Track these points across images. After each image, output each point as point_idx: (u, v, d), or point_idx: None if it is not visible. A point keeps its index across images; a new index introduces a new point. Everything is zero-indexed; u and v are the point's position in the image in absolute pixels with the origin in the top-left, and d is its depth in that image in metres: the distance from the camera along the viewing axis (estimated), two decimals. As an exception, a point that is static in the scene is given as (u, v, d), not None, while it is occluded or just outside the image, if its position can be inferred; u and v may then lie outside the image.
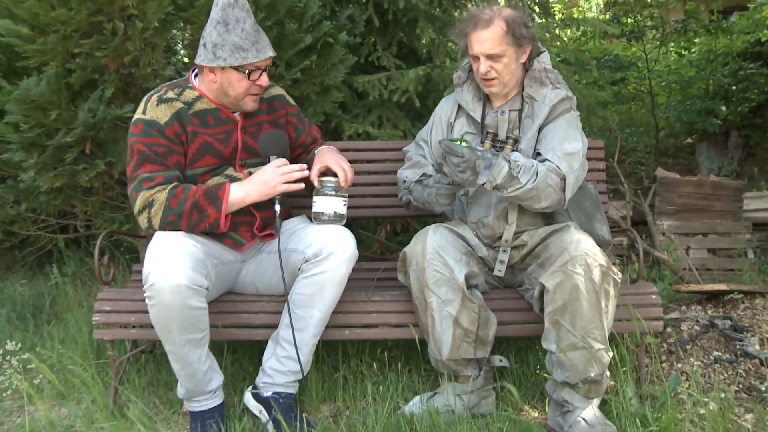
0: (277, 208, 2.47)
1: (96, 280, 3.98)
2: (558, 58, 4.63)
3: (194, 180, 2.51)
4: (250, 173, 2.57)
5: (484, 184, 2.39)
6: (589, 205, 2.76)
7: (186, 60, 3.49)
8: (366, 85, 3.90)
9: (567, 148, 2.52)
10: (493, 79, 2.58)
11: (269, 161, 2.50)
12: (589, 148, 3.25)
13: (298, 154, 2.75)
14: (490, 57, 2.54)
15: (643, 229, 4.79)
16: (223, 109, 2.55)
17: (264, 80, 2.50)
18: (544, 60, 2.66)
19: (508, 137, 2.64)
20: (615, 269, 2.46)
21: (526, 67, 2.64)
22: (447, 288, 2.51)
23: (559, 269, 2.43)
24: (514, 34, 2.52)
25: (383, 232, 4.33)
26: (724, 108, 6.67)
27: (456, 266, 2.52)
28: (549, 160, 2.49)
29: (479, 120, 2.70)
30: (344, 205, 2.55)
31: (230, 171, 2.57)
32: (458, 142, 2.40)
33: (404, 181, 2.77)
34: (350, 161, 2.72)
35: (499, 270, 2.69)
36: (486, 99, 2.71)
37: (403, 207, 2.92)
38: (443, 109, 2.82)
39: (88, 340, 3.15)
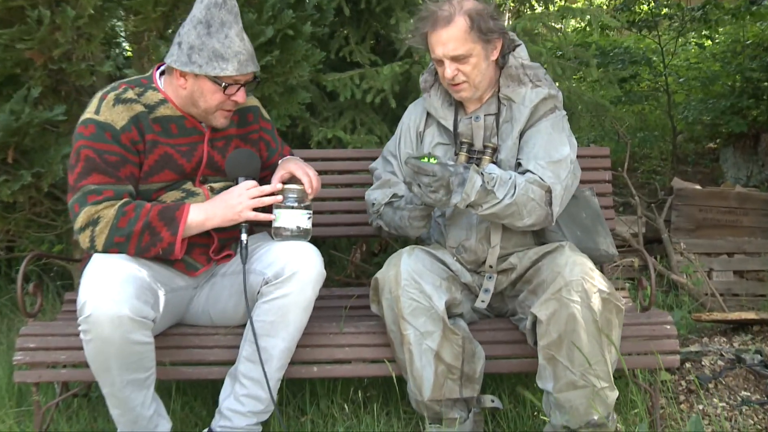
0: (244, 237, 2.51)
1: (19, 312, 3.92)
2: (558, 53, 4.71)
3: (147, 196, 2.53)
4: (212, 189, 2.61)
5: (458, 203, 2.43)
6: (587, 216, 2.81)
7: (129, 54, 3.54)
8: (336, 83, 3.92)
9: (552, 155, 2.56)
10: (461, 83, 2.62)
11: (236, 182, 2.55)
12: (594, 156, 3.34)
13: (266, 176, 2.75)
14: (455, 59, 2.58)
15: (658, 248, 4.84)
16: (189, 118, 2.58)
17: (240, 97, 2.53)
18: (521, 54, 2.69)
19: (485, 146, 2.68)
20: (618, 295, 2.50)
21: (500, 64, 2.69)
22: (425, 318, 2.54)
23: (553, 297, 2.45)
24: (480, 29, 2.55)
25: (358, 253, 4.35)
26: (753, 107, 6.65)
27: (435, 293, 2.55)
28: (531, 171, 2.54)
29: (451, 128, 2.74)
30: (309, 218, 2.59)
31: (188, 186, 2.60)
32: (426, 159, 2.44)
33: (373, 204, 2.81)
34: (319, 172, 2.78)
35: (483, 300, 2.74)
36: (458, 104, 2.76)
37: None
38: (411, 118, 2.87)
39: (6, 384, 3.09)
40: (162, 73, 2.58)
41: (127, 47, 3.57)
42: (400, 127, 2.89)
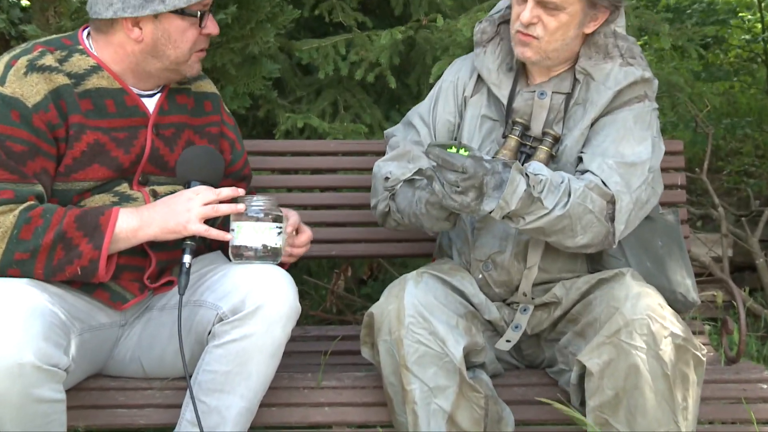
0: (187, 259, 2.56)
1: None
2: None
3: (66, 200, 2.57)
4: (155, 194, 2.69)
5: (491, 212, 2.49)
6: (663, 245, 2.87)
7: (26, 3, 3.57)
8: (314, 53, 3.96)
9: (625, 155, 2.64)
10: (532, 37, 2.71)
11: (188, 186, 2.62)
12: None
13: (226, 184, 2.80)
14: (542, 3, 2.67)
15: (750, 277, 4.88)
16: (130, 92, 2.65)
17: (214, 26, 2.64)
18: (618, 21, 2.80)
19: (545, 133, 2.76)
20: (697, 341, 2.54)
21: (588, 36, 2.80)
22: (436, 368, 2.57)
23: (608, 341, 2.50)
24: None
25: (341, 280, 4.39)
26: None
27: (449, 335, 2.60)
28: (592, 172, 2.62)
29: (505, 101, 2.83)
30: (279, 234, 2.65)
31: (123, 188, 2.67)
32: (454, 150, 2.50)
33: (386, 179, 2.86)
34: (289, 171, 2.90)
35: (508, 340, 2.80)
36: (520, 71, 2.86)
37: (371, 240, 3.15)
38: (456, 76, 2.97)
39: None
40: (89, 35, 2.68)
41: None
42: (438, 86, 2.97)
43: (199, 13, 2.58)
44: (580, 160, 2.70)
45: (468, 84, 2.93)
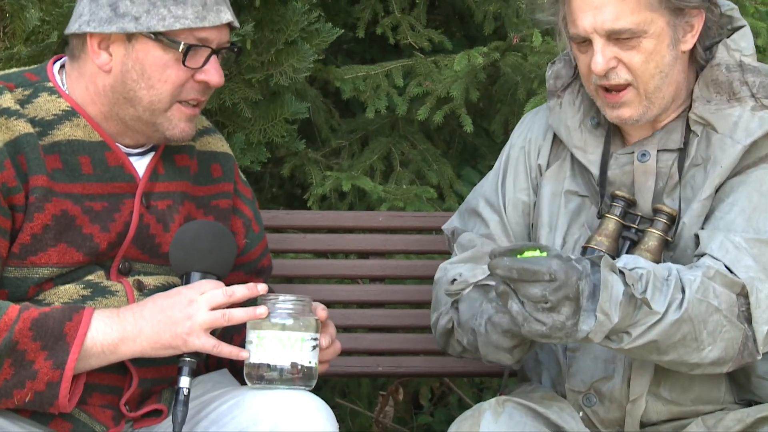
0: (184, 383, 2.34)
1: None
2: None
3: (21, 291, 2.41)
4: (140, 286, 2.50)
5: (589, 334, 2.26)
6: None
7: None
8: (360, 84, 3.79)
9: (761, 228, 2.43)
10: (622, 87, 2.49)
11: (187, 280, 2.42)
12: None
13: (236, 281, 2.58)
14: (614, 37, 2.45)
15: None
16: (113, 147, 2.46)
17: (214, 74, 2.44)
18: (740, 45, 2.56)
19: (656, 210, 2.52)
20: None
21: (698, 61, 2.58)
22: None
23: None
24: None
25: (390, 406, 4.16)
26: None
27: None
28: (711, 256, 2.38)
29: (596, 170, 2.63)
30: (314, 348, 2.42)
31: (97, 277, 2.47)
32: (529, 254, 2.31)
33: (453, 281, 2.68)
34: (324, 253, 2.96)
35: None
36: (612, 128, 2.67)
37: (434, 352, 3.01)
38: (527, 138, 2.81)
39: None
40: (62, 67, 2.55)
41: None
42: (505, 154, 2.81)
43: (183, 45, 2.36)
44: (697, 239, 2.47)
45: (542, 148, 2.75)
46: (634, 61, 2.44)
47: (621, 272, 2.27)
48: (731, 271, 2.33)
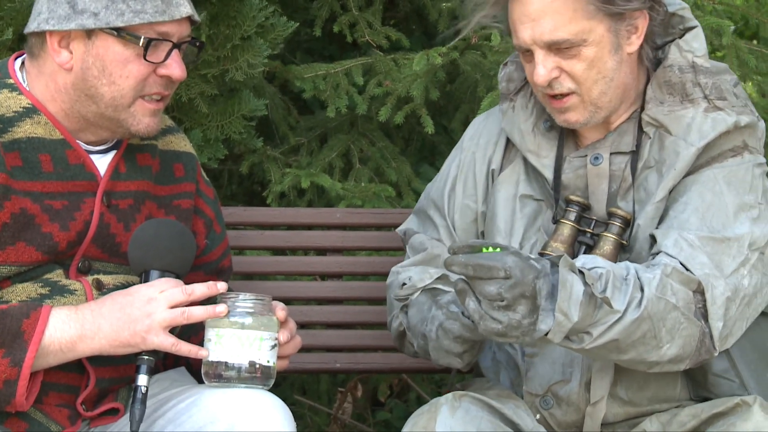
0: (142, 381, 2.34)
1: None
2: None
3: None
4: (99, 285, 2.49)
5: (547, 334, 2.27)
6: None
7: None
8: (319, 84, 3.78)
9: (714, 227, 2.44)
10: (566, 95, 2.51)
11: (146, 278, 2.43)
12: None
13: (197, 281, 2.56)
14: (554, 48, 2.46)
15: None
16: (74, 145, 2.46)
17: (177, 68, 2.45)
18: (692, 45, 2.57)
19: (611, 214, 2.54)
20: None
21: (647, 61, 2.60)
22: None
23: None
24: None
25: (348, 402, 4.13)
26: None
27: None
28: (667, 254, 2.40)
29: (550, 174, 2.62)
30: (273, 347, 2.42)
31: (56, 275, 2.47)
32: (487, 251, 2.31)
33: (403, 285, 2.70)
34: (282, 250, 2.96)
35: None
36: (564, 132, 2.67)
37: (391, 348, 2.95)
38: (478, 142, 2.82)
39: None
40: (23, 65, 2.55)
41: None
42: (456, 159, 2.81)
43: (143, 38, 2.36)
44: (652, 241, 2.49)
45: (495, 153, 2.76)
46: (576, 69, 2.47)
47: (581, 272, 2.28)
48: (687, 269, 2.36)
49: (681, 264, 2.36)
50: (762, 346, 2.59)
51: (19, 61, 2.55)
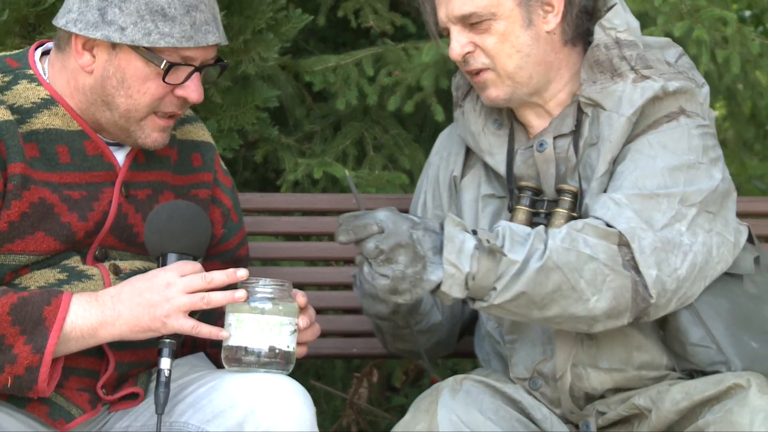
0: (165, 364, 2.36)
1: None
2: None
3: None
4: (117, 270, 2.52)
5: (441, 286, 2.31)
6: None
7: None
8: (329, 76, 3.80)
9: (644, 185, 2.49)
10: (481, 70, 2.58)
11: (163, 262, 2.44)
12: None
13: (212, 269, 2.56)
14: (464, 22, 2.54)
15: None
16: (92, 136, 2.48)
17: (194, 91, 2.47)
18: (614, 22, 2.62)
19: (559, 190, 2.60)
20: None
21: (566, 38, 2.65)
22: None
23: None
24: None
25: (363, 387, 4.17)
26: None
27: None
28: (592, 216, 2.48)
29: (502, 169, 2.70)
30: (293, 333, 2.44)
31: (74, 261, 2.49)
32: None
33: None
34: (296, 236, 2.92)
35: None
36: (514, 124, 2.75)
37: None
38: (441, 155, 2.89)
39: None
40: (45, 54, 2.56)
41: None
42: (425, 172, 2.91)
43: (166, 63, 2.38)
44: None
45: (456, 161, 2.84)
46: (487, 43, 2.53)
47: (472, 231, 2.35)
48: (608, 224, 2.41)
49: (604, 221, 2.42)
50: (736, 310, 2.60)
51: (39, 50, 2.55)
